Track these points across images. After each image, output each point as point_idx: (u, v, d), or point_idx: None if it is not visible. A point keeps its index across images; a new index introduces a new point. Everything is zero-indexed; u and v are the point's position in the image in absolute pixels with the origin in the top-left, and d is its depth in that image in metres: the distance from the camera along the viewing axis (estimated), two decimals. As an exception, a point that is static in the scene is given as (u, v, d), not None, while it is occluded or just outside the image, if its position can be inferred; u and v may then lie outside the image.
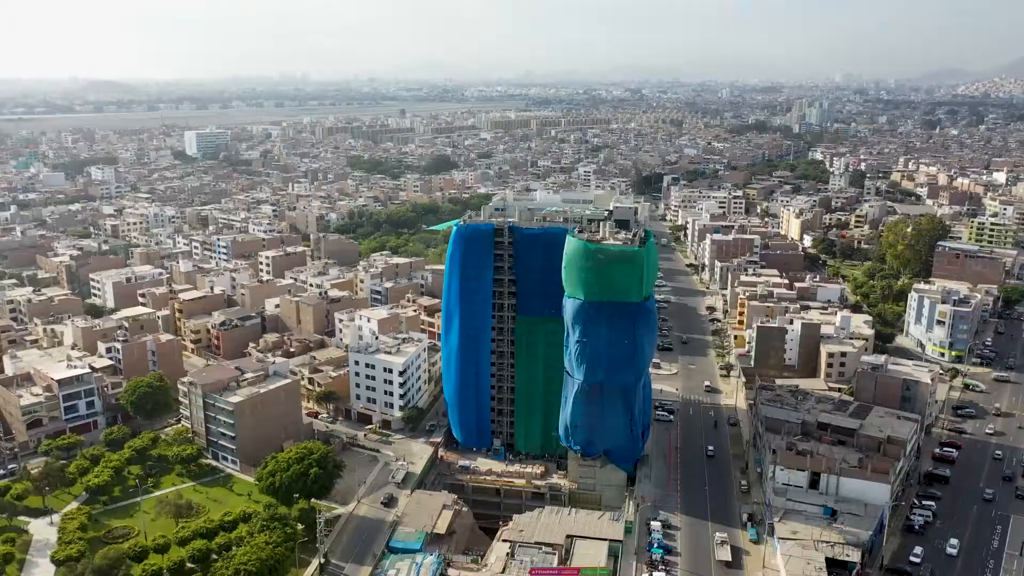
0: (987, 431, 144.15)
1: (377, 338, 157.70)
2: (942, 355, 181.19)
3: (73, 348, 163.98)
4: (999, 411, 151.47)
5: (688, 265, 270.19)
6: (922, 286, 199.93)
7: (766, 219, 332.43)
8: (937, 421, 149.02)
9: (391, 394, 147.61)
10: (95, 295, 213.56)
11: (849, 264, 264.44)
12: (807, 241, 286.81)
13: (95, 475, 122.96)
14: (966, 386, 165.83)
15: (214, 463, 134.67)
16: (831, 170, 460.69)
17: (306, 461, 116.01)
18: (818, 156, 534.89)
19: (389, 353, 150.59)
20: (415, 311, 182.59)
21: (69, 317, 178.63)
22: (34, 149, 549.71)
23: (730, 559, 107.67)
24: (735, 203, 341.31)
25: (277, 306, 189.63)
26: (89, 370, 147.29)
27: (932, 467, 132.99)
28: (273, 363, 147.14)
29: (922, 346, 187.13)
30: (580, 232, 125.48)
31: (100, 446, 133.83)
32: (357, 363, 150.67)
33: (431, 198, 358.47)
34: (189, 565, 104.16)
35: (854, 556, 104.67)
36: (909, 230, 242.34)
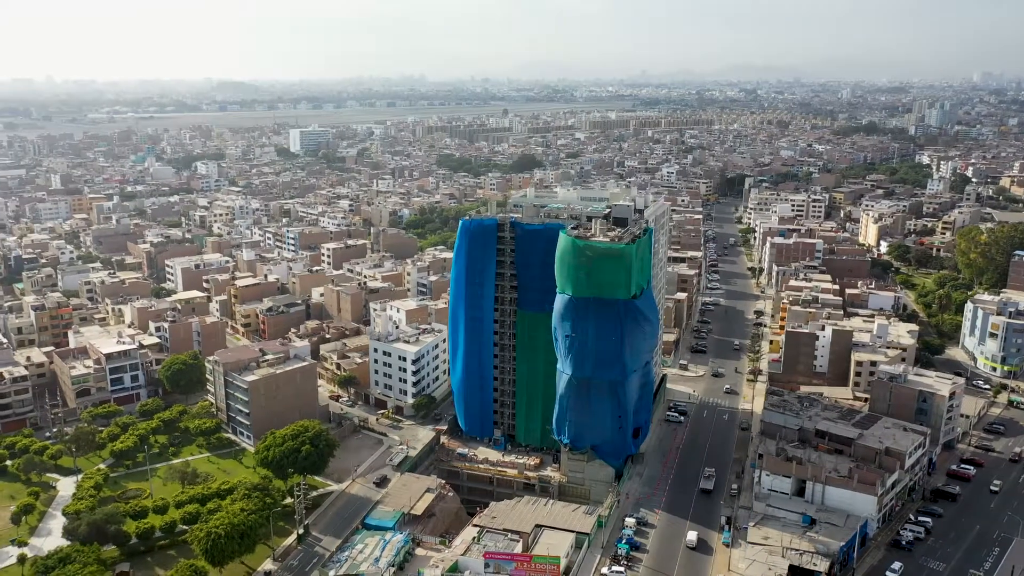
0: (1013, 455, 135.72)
1: (397, 327, 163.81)
2: (994, 369, 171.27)
3: (130, 326, 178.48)
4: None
5: (749, 269, 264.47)
6: (985, 296, 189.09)
7: (847, 224, 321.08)
8: (964, 437, 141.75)
9: (405, 381, 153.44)
10: (169, 279, 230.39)
11: (924, 272, 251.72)
12: (884, 247, 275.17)
13: (121, 441, 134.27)
14: (1011, 403, 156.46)
15: (232, 437, 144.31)
16: (935, 174, 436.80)
17: (300, 438, 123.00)
18: (924, 160, 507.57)
19: (407, 342, 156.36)
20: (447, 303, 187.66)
21: (135, 298, 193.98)
22: (153, 145, 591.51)
23: (711, 488, 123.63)
24: (814, 207, 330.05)
25: (322, 295, 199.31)
26: (135, 346, 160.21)
27: (943, 483, 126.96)
28: (295, 346, 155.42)
29: (974, 359, 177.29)
30: (575, 229, 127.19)
31: (133, 416, 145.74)
32: (376, 350, 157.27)
33: (506, 196, 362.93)
34: (181, 526, 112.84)
35: (821, 566, 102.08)
36: (984, 237, 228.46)
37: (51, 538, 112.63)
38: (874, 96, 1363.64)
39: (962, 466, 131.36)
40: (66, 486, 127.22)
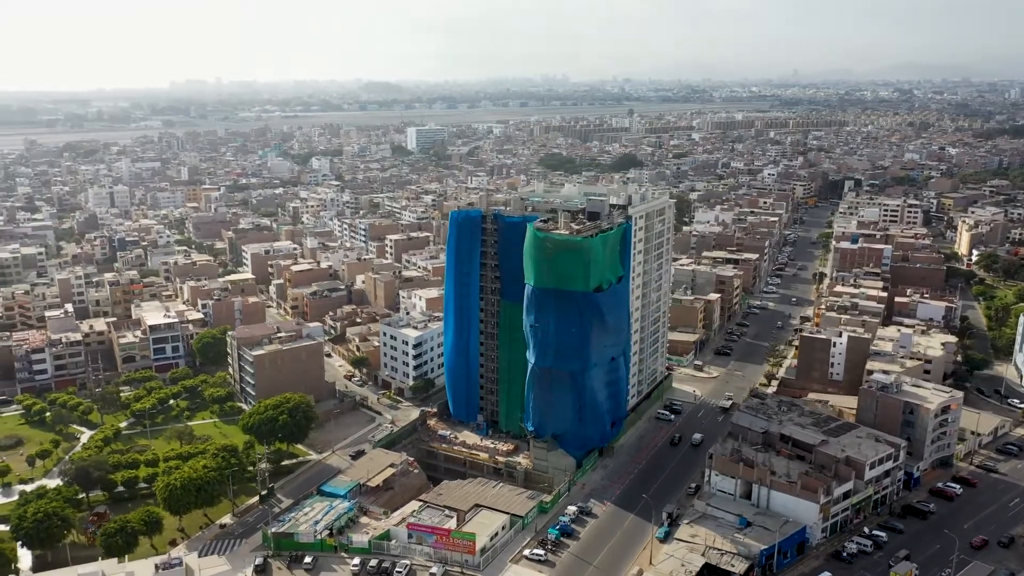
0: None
1: (408, 313, 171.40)
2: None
3: (184, 303, 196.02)
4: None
5: (814, 274, 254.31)
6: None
7: (947, 231, 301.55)
8: (968, 455, 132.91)
9: (407, 364, 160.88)
10: (244, 263, 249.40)
11: (1011, 284, 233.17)
12: (975, 256, 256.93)
13: (140, 403, 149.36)
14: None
15: (243, 406, 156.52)
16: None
17: (280, 409, 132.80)
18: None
19: (415, 328, 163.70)
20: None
21: (199, 278, 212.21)
22: (282, 142, 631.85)
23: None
24: (910, 212, 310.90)
25: (363, 281, 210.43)
26: (178, 320, 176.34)
27: (920, 500, 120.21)
28: (308, 326, 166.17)
29: (1021, 376, 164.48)
30: (544, 221, 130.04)
31: (161, 381, 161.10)
32: (385, 334, 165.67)
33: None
34: (161, 477, 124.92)
35: (739, 567, 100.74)
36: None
37: (57, 480, 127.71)
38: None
39: (948, 484, 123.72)
40: (88, 438, 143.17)
